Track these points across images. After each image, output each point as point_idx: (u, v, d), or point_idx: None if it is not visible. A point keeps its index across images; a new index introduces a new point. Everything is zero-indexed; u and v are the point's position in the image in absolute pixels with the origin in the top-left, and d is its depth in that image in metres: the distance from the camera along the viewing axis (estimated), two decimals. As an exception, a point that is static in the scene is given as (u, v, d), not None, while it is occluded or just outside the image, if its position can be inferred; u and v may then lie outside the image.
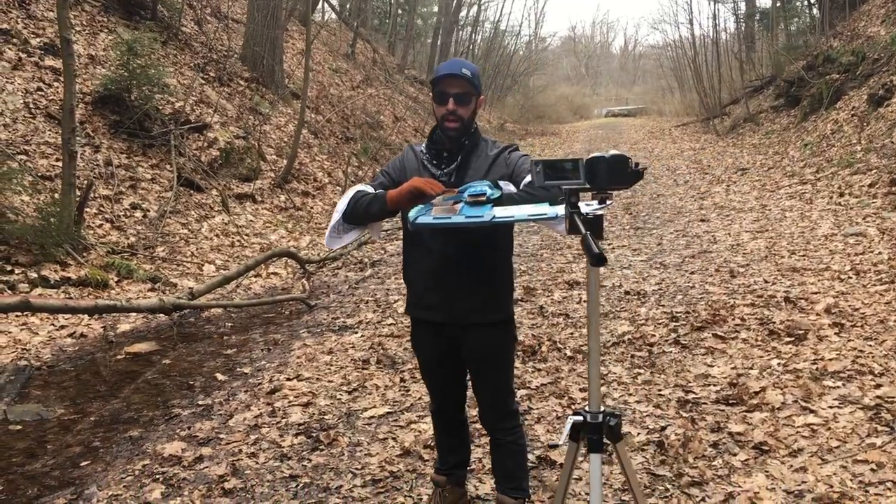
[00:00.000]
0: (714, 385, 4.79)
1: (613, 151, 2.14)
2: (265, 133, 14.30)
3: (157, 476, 4.02)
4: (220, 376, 5.69)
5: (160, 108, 11.98)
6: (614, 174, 2.11)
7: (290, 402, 5.00)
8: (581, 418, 2.31)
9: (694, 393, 4.70)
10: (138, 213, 9.71)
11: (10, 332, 6.47)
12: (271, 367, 5.82)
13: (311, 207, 13.28)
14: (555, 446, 4.09)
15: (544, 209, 2.45)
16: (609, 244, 9.75)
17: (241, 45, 16.60)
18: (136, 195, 10.08)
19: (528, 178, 2.66)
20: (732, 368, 5.02)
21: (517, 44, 56.02)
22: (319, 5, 28.12)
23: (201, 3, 17.29)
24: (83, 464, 4.27)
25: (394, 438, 4.36)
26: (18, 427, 4.79)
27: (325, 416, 4.75)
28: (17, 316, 6.66)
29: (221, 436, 4.53)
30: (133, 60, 11.14)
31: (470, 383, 3.16)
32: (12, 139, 9.55)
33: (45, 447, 4.50)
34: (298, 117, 14.26)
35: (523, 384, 5.07)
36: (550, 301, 7.15)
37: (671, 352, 5.49)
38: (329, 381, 5.36)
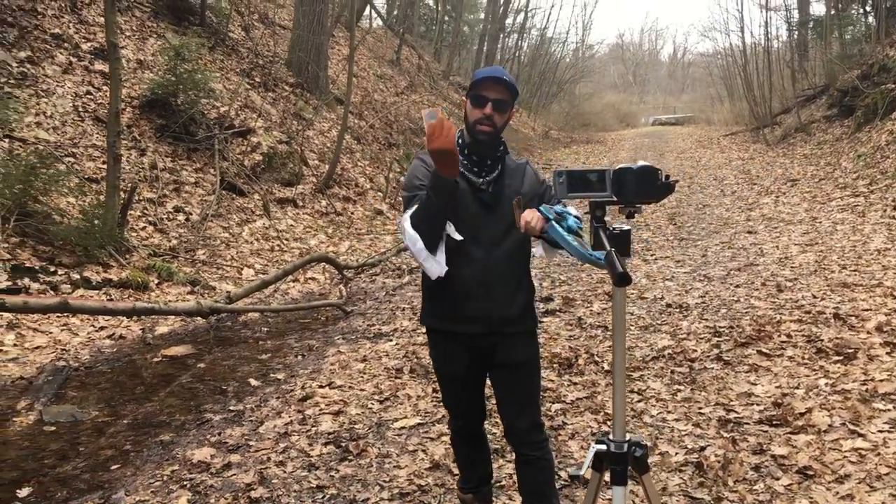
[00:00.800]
0: (757, 404, 4.60)
1: (642, 162, 2.03)
2: (308, 138, 14.37)
3: (185, 482, 4.00)
4: (253, 381, 5.67)
5: (205, 112, 12.12)
6: (643, 186, 2.01)
7: (321, 409, 4.95)
8: (604, 447, 2.18)
9: (736, 412, 4.53)
10: (181, 217, 9.80)
11: (50, 333, 6.55)
12: (304, 373, 5.79)
13: (352, 213, 13.30)
14: (576, 477, 3.88)
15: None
16: (652, 255, 9.56)
17: (286, 50, 16.73)
18: (179, 198, 10.19)
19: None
20: (777, 387, 4.82)
21: (563, 51, 55.59)
22: (366, 12, 28.30)
23: (249, 9, 17.49)
24: (113, 467, 4.27)
25: (423, 451, 4.27)
26: (53, 428, 4.82)
27: (356, 426, 4.68)
28: (58, 317, 6.75)
29: (251, 443, 4.50)
30: (180, 65, 11.30)
31: (495, 399, 3.06)
32: (61, 142, 9.72)
33: (78, 449, 4.51)
34: (341, 123, 14.31)
35: (558, 398, 4.96)
36: (589, 312, 7.01)
37: (713, 368, 5.31)
38: (361, 390, 5.30)
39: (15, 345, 6.20)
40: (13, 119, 9.27)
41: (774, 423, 4.33)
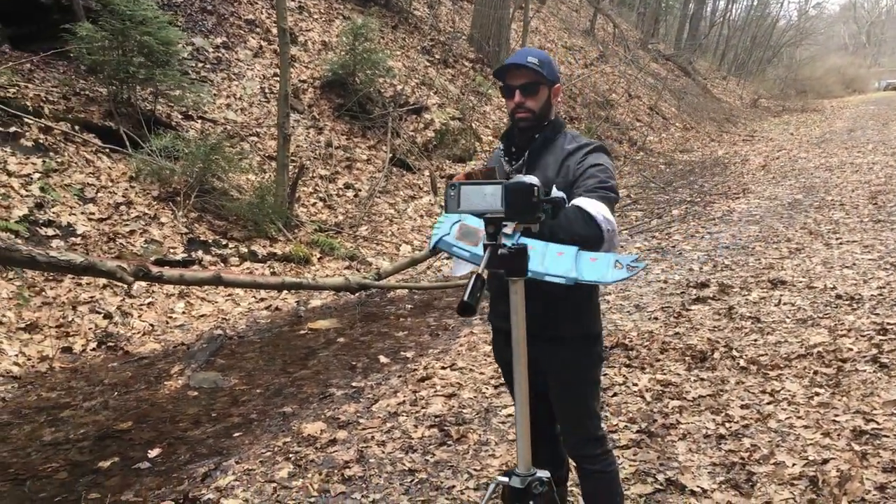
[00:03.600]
0: (908, 419, 4.07)
1: (519, 177, 1.83)
2: (484, 114, 14.43)
3: (290, 455, 4.20)
4: (383, 359, 5.83)
5: (382, 91, 12.52)
6: (514, 204, 1.84)
7: (435, 391, 5.00)
8: (507, 479, 2.05)
9: (876, 423, 4.03)
10: (350, 193, 10.24)
11: (216, 302, 7.12)
12: (433, 353, 5.87)
13: (525, 189, 13.21)
14: None
15: (563, 266, 2.18)
16: (837, 238, 8.68)
17: (469, 26, 16.84)
18: (350, 175, 10.64)
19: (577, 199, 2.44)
20: (939, 402, 4.23)
21: (781, 11, 51.60)
22: (559, -19, 27.79)
23: (435, -14, 17.77)
24: (236, 434, 4.58)
25: (522, 442, 4.20)
26: (195, 393, 5.25)
27: (464, 410, 4.68)
28: (224, 287, 7.30)
29: (361, 420, 4.64)
30: (359, 45, 11.72)
31: None
32: (247, 122, 10.47)
33: (210, 414, 4.89)
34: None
35: (679, 394, 4.66)
36: (744, 301, 6.51)
37: (864, 371, 4.74)
38: (480, 373, 5.28)
39: (184, 312, 6.81)
40: (206, 101, 10.11)
41: (921, 443, 3.81)
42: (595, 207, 2.38)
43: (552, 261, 2.23)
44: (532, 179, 2.07)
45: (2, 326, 5.78)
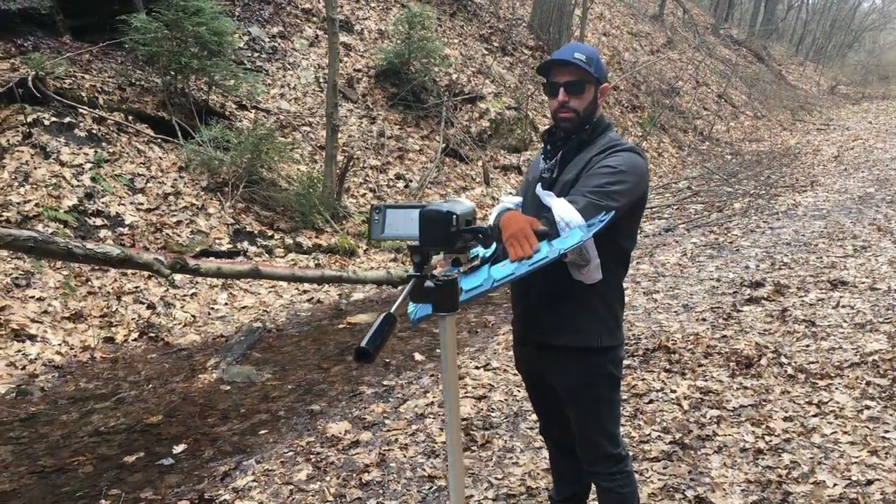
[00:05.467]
0: (970, 441, 3.77)
1: (438, 204, 1.67)
2: (542, 103, 14.16)
3: (311, 456, 4.14)
4: (418, 356, 5.73)
5: (437, 80, 12.39)
6: (428, 233, 1.68)
7: (466, 392, 4.86)
8: None
9: (931, 446, 3.75)
10: (400, 184, 10.16)
11: (258, 294, 7.14)
12: (469, 351, 5.74)
13: (582, 180, 12.94)
14: None
15: (542, 254, 2.02)
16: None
17: (529, 13, 16.56)
18: (402, 165, 10.56)
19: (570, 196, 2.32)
20: None
21: (864, -7, 49.55)
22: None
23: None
24: (262, 432, 4.55)
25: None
26: (228, 388, 5.25)
27: (492, 414, 4.55)
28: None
29: (387, 421, 4.55)
30: (415, 33, 11.61)
31: None
32: (300, 112, 10.49)
33: (239, 410, 4.87)
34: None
35: (718, 403, 4.43)
36: (800, 302, 6.18)
37: (924, 387, 4.43)
38: (514, 374, 5.12)
39: (226, 304, 6.85)
40: (259, 91, 10.16)
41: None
42: (560, 208, 2.26)
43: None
44: (454, 207, 1.90)
45: (47, 316, 5.90)
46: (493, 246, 2.31)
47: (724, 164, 15.97)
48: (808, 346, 5.26)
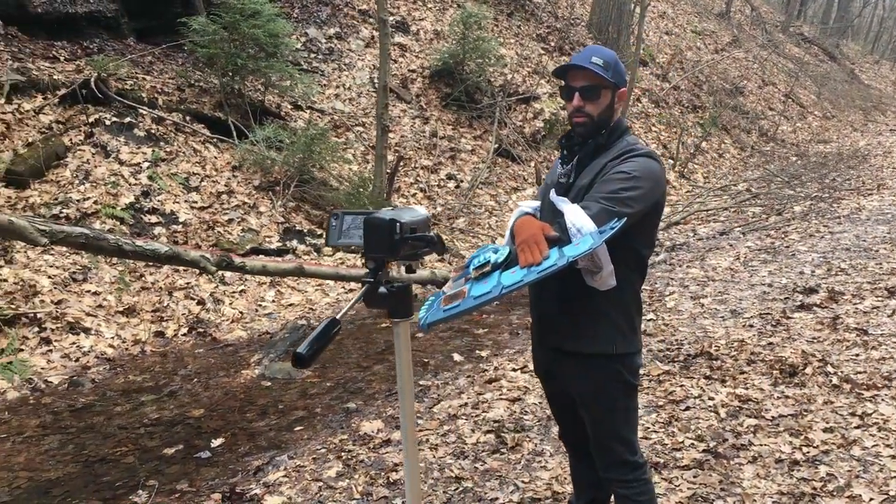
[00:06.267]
0: None
1: (385, 212, 1.66)
2: (599, 103, 14.01)
3: (343, 454, 4.20)
4: (457, 357, 5.76)
5: (492, 80, 12.38)
6: (371, 240, 1.70)
7: (500, 394, 4.87)
8: None
9: (976, 465, 3.60)
10: (451, 184, 10.20)
11: (305, 292, 7.27)
12: (508, 353, 5.74)
13: (637, 181, 12.77)
14: None
15: (551, 261, 2.01)
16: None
17: (588, 13, 16.40)
18: (453, 166, 10.59)
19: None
20: None
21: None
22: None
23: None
24: (297, 428, 4.64)
25: (578, 458, 4.02)
26: (268, 384, 5.36)
27: (525, 417, 4.54)
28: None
29: (420, 421, 4.58)
30: (470, 33, 11.62)
31: None
32: (354, 112, 10.62)
33: (278, 406, 4.97)
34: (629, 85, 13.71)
35: (757, 412, 4.33)
36: (854, 310, 5.99)
37: (976, 405, 4.26)
38: (551, 380, 5.12)
39: (273, 301, 6.99)
40: (315, 92, 10.32)
41: None
42: (572, 214, 2.27)
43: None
44: (400, 214, 1.91)
45: (101, 310, 6.12)
46: (507, 252, 2.31)
47: (788, 165, 15.54)
48: (857, 355, 5.09)
